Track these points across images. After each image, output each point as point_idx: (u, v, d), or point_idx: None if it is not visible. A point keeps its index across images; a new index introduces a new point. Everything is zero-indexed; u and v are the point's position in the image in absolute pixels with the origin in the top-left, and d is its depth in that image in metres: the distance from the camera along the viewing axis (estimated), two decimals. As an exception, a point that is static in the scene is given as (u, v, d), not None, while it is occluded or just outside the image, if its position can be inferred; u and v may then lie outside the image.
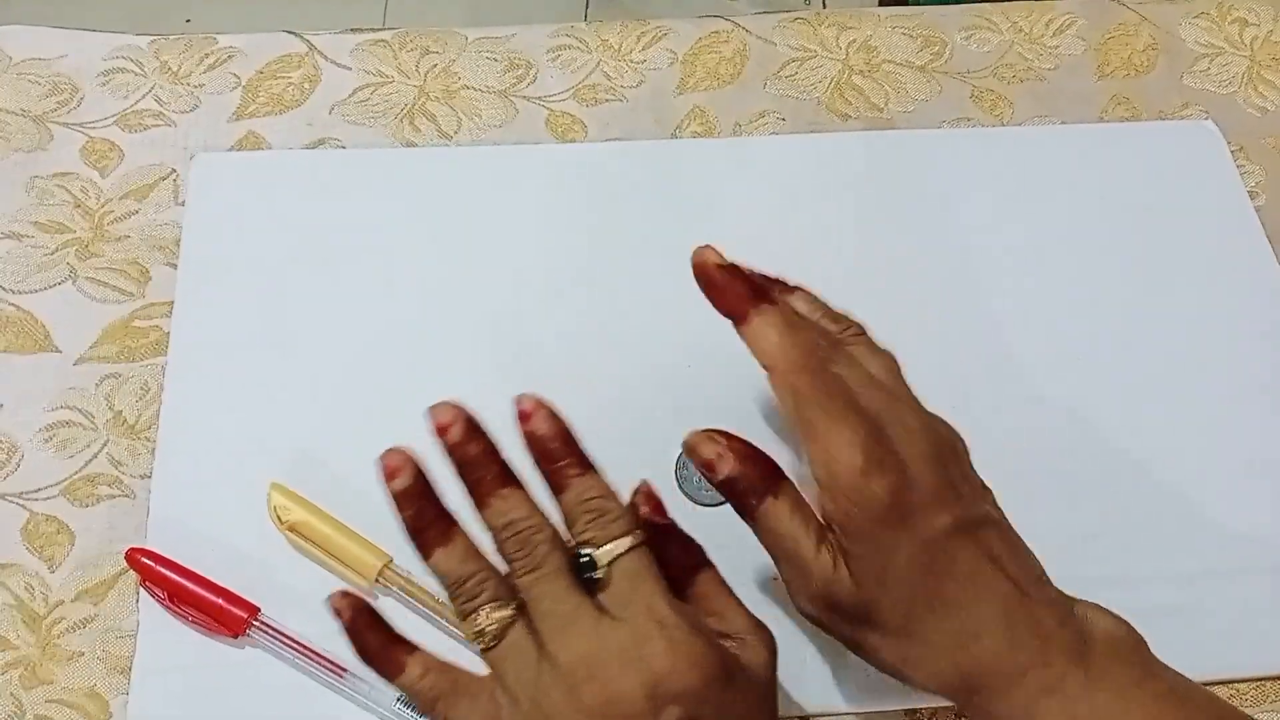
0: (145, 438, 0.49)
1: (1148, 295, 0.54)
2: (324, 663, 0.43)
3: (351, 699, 0.43)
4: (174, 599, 0.44)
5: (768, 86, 0.61)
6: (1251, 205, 0.57)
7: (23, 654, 0.44)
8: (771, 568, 0.40)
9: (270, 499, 0.46)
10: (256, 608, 0.44)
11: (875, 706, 0.45)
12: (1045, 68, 0.62)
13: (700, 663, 0.34)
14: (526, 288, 0.53)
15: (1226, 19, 0.64)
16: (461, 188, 0.56)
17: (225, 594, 0.44)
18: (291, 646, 0.44)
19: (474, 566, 0.37)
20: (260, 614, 0.44)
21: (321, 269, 0.53)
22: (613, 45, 0.61)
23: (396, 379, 0.50)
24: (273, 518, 0.46)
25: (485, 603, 0.36)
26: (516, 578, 0.36)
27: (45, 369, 0.50)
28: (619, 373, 0.51)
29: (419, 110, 0.59)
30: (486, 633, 0.36)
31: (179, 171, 0.56)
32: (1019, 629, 0.36)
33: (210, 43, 0.60)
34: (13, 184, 0.55)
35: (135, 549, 0.45)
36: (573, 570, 0.36)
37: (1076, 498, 0.49)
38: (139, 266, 0.53)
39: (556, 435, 0.38)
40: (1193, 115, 0.61)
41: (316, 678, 0.44)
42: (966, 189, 0.57)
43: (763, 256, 0.55)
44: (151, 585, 0.45)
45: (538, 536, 0.36)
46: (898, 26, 0.63)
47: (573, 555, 0.36)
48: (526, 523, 0.36)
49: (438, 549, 0.37)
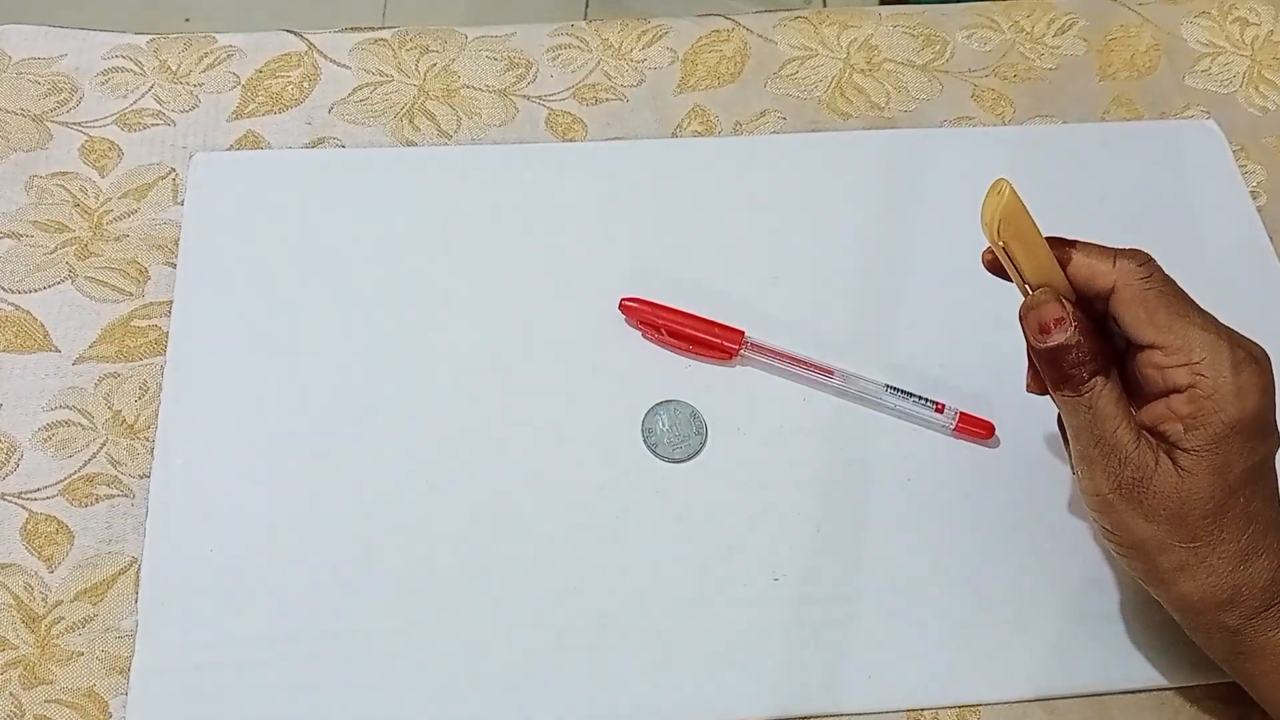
0: (144, 437, 0.49)
1: (1149, 295, 0.54)
2: (813, 367, 0.50)
3: (842, 393, 0.50)
4: (672, 335, 0.51)
5: (768, 85, 0.60)
6: (1253, 205, 0.57)
7: (22, 654, 0.44)
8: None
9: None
10: (742, 331, 0.51)
11: (875, 706, 0.45)
12: (1046, 67, 0.62)
13: None
14: (526, 286, 0.53)
15: (1227, 18, 0.64)
16: (461, 187, 0.56)
17: (716, 325, 0.51)
18: (780, 357, 0.51)
19: None
20: (747, 335, 0.51)
21: (321, 268, 0.53)
22: (613, 44, 0.61)
23: (396, 378, 0.50)
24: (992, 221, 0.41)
25: None
26: None
27: (44, 368, 0.50)
28: (614, 361, 0.51)
29: (418, 109, 0.58)
30: None
31: (178, 171, 0.55)
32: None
33: (209, 42, 0.60)
34: (12, 183, 0.55)
35: (628, 298, 0.52)
36: None
37: (1079, 496, 0.49)
38: (138, 266, 0.53)
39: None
40: (1194, 115, 0.61)
41: (808, 380, 0.51)
42: (967, 188, 0.57)
43: (763, 256, 0.55)
44: (647, 327, 0.51)
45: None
46: (899, 25, 0.63)
47: None
48: None
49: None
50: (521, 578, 0.47)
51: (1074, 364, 0.40)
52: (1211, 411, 0.38)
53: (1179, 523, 0.39)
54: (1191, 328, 0.39)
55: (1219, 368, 0.38)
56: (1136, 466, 0.39)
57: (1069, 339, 0.40)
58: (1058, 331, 0.40)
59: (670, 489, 0.49)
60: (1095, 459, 0.40)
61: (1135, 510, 0.40)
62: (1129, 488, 0.40)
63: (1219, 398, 0.38)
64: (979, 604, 0.47)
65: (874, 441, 0.50)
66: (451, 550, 0.47)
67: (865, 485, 0.49)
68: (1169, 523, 0.39)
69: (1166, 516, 0.39)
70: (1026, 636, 0.46)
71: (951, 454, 0.50)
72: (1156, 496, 0.39)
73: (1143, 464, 0.39)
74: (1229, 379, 0.38)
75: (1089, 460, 0.41)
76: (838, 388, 0.51)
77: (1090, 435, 0.40)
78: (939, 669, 0.46)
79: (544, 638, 0.45)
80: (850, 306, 0.54)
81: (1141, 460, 0.39)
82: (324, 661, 0.45)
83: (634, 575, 0.47)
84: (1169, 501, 0.39)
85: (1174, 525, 0.39)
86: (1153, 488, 0.39)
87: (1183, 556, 0.39)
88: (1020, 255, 0.41)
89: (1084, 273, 0.41)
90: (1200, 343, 0.39)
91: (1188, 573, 0.39)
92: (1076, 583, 0.48)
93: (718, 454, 0.50)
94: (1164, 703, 0.46)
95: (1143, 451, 0.39)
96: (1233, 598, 0.39)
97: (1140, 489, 0.39)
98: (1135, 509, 0.40)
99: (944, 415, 0.50)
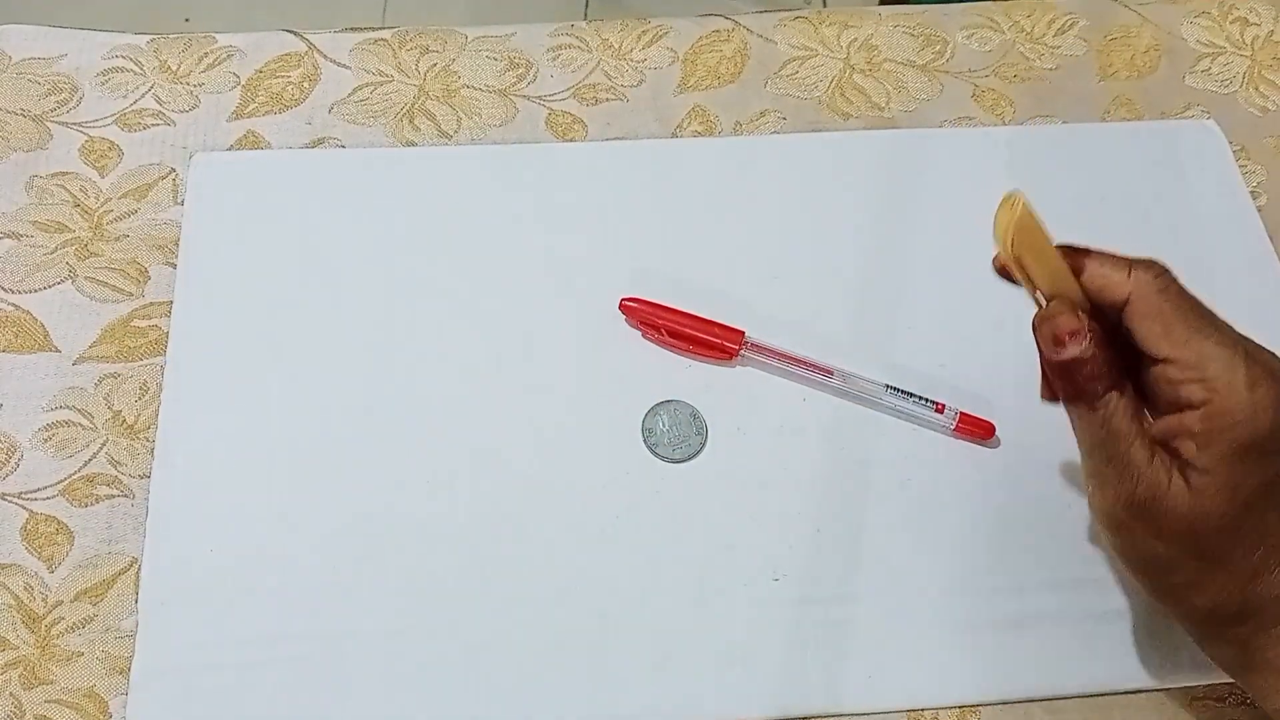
0: (144, 438, 0.49)
1: (1149, 295, 0.54)
2: (813, 367, 0.50)
3: (842, 393, 0.50)
4: (672, 335, 0.51)
5: (768, 85, 0.60)
6: (1253, 205, 0.57)
7: (22, 654, 0.44)
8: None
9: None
10: (742, 332, 0.51)
11: (875, 706, 0.45)
12: (1046, 67, 0.62)
13: None
14: (526, 286, 0.53)
15: (1227, 18, 0.64)
16: (461, 187, 0.56)
17: (716, 325, 0.51)
18: (780, 357, 0.51)
19: None
20: (747, 335, 0.51)
21: (321, 268, 0.53)
22: (613, 44, 0.61)
23: (395, 377, 0.50)
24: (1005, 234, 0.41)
25: None
26: None
27: (44, 369, 0.50)
28: (614, 361, 0.51)
29: (418, 109, 0.58)
30: None
31: (178, 171, 0.55)
32: None
33: (209, 42, 0.60)
34: (12, 183, 0.55)
35: (628, 298, 0.52)
36: None
37: (1082, 498, 0.49)
38: (138, 266, 0.53)
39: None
40: (1194, 115, 0.61)
41: (808, 380, 0.51)
42: (968, 188, 0.57)
43: (763, 256, 0.55)
44: (647, 327, 0.51)
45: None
46: (899, 25, 0.63)
47: None
48: None
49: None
50: (521, 578, 0.47)
51: (1089, 377, 0.39)
52: (1225, 430, 0.37)
53: (1191, 541, 0.38)
54: (1207, 343, 0.38)
55: (1234, 385, 0.37)
56: (1149, 485, 0.38)
57: (1084, 352, 0.39)
58: (1073, 344, 0.39)
59: (670, 489, 0.49)
60: (1108, 476, 0.39)
61: (1147, 529, 0.39)
62: (1140, 506, 0.39)
63: (1233, 416, 0.37)
64: (979, 604, 0.47)
65: (874, 441, 0.50)
66: (451, 550, 0.47)
67: (865, 485, 0.49)
68: (1180, 541, 0.38)
69: (1178, 535, 0.38)
70: (1026, 636, 0.46)
71: (951, 454, 0.50)
72: (1168, 515, 0.38)
73: (1155, 483, 0.38)
74: (1244, 397, 0.37)
75: (1101, 476, 0.40)
76: (838, 388, 0.51)
77: (1103, 452, 0.40)
78: (939, 669, 0.46)
79: (544, 638, 0.45)
80: (850, 306, 0.54)
81: (1154, 479, 0.38)
82: (324, 661, 0.45)
83: (634, 575, 0.47)
84: (1181, 521, 0.38)
85: (1185, 543, 0.38)
86: (1164, 506, 0.38)
87: (1193, 574, 0.39)
88: (1034, 267, 0.40)
89: (1098, 283, 0.40)
90: (1215, 359, 0.38)
91: (1198, 589, 0.39)
92: (1076, 583, 0.48)
93: (718, 454, 0.50)
94: (1164, 703, 0.46)
95: (1156, 470, 0.38)
96: (1242, 612, 0.39)
97: (1152, 507, 0.38)
98: (1147, 527, 0.39)
99: (944, 415, 0.50)
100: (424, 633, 0.45)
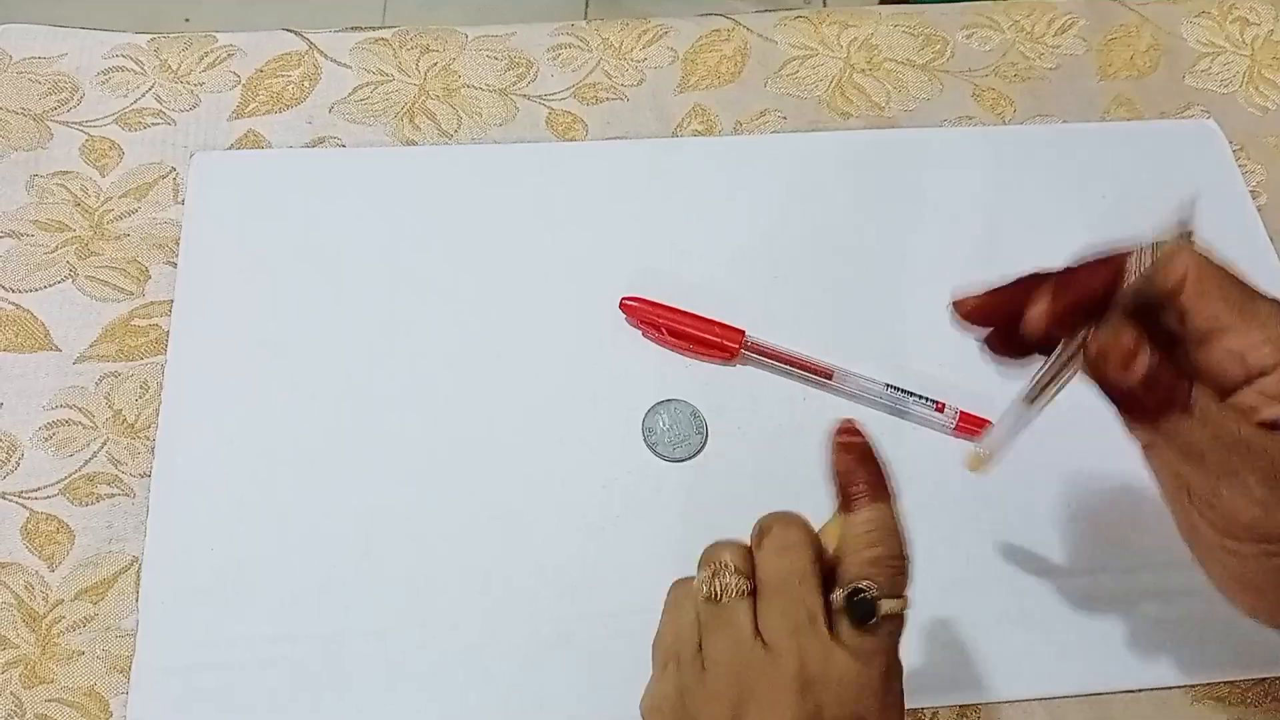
0: (145, 437, 0.49)
1: (1149, 295, 0.54)
2: (813, 367, 0.51)
3: (841, 393, 0.51)
4: (672, 334, 0.51)
5: (769, 85, 0.60)
6: (1253, 204, 0.57)
7: (22, 653, 0.44)
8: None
9: None
10: (742, 331, 0.51)
11: (875, 707, 0.45)
12: (1047, 67, 0.62)
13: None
14: (526, 285, 0.53)
15: (1227, 18, 0.64)
16: (461, 186, 0.56)
17: (716, 325, 0.51)
18: (779, 358, 0.51)
19: None
20: (747, 335, 0.51)
21: (321, 267, 0.53)
22: (613, 44, 0.61)
23: (395, 376, 0.50)
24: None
25: None
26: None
27: (45, 368, 0.50)
28: (614, 361, 0.51)
29: (419, 109, 0.58)
30: None
31: (179, 170, 0.55)
32: None
33: (210, 41, 0.60)
34: (13, 182, 0.55)
35: (629, 297, 0.52)
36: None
37: (1081, 497, 0.49)
38: (138, 265, 0.53)
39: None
40: (1194, 115, 0.61)
41: (808, 380, 0.51)
42: (967, 188, 0.57)
43: (763, 256, 0.55)
44: (648, 326, 0.51)
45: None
46: (899, 25, 0.63)
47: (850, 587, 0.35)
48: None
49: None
50: (521, 577, 0.47)
51: (1170, 381, 0.35)
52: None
53: None
54: (1262, 303, 0.35)
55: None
56: (1275, 456, 0.34)
57: (1153, 360, 0.35)
58: (1142, 355, 0.35)
59: (670, 489, 0.49)
60: (1237, 467, 0.35)
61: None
62: (1276, 480, 0.34)
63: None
64: (979, 604, 0.47)
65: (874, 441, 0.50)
66: (451, 550, 0.47)
67: (865, 485, 0.49)
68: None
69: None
70: (1026, 636, 0.46)
71: (952, 453, 0.50)
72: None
73: (1278, 450, 0.34)
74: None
75: (1230, 473, 0.35)
76: (838, 388, 0.51)
77: (1221, 446, 0.35)
78: (940, 669, 0.46)
79: (544, 638, 0.45)
80: (850, 306, 0.54)
81: (1276, 447, 0.34)
82: (324, 661, 0.45)
83: (634, 575, 0.47)
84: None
85: None
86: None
87: None
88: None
89: (1148, 272, 0.36)
90: (1275, 315, 0.35)
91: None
92: (1076, 583, 0.48)
93: (718, 454, 0.50)
94: (1164, 703, 0.46)
95: (1276, 439, 0.34)
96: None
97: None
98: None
99: (944, 415, 0.50)
100: (424, 632, 0.45)
